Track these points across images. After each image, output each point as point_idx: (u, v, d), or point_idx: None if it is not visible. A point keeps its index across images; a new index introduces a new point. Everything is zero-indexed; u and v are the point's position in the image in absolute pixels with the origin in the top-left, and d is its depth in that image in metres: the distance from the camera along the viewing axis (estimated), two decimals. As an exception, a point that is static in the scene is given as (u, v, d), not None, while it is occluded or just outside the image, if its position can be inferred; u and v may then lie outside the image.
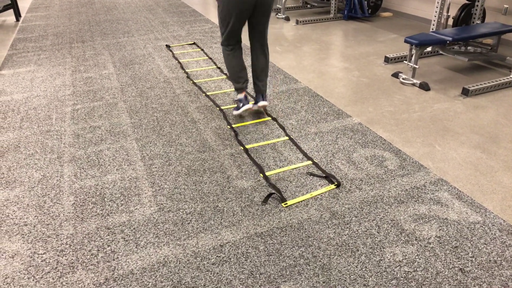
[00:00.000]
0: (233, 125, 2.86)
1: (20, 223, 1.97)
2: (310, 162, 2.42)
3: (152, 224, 1.95)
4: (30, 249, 1.82)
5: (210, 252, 1.78)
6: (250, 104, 2.87)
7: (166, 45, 4.75)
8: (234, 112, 2.93)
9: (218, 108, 3.12)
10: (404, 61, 3.63)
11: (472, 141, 2.64)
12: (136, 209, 2.06)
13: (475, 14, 4.31)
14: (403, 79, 3.58)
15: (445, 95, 3.32)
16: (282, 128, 2.81)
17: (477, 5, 4.26)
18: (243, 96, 2.86)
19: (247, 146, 2.59)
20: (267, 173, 2.31)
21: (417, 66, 3.48)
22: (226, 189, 2.19)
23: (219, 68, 3.99)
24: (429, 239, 1.82)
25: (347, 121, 2.90)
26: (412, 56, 3.48)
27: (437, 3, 3.98)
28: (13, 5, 6.07)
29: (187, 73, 3.86)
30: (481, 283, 1.59)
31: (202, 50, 4.57)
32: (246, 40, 2.99)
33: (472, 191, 2.14)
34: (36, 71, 4.00)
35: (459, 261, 1.70)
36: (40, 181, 2.30)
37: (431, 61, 4.12)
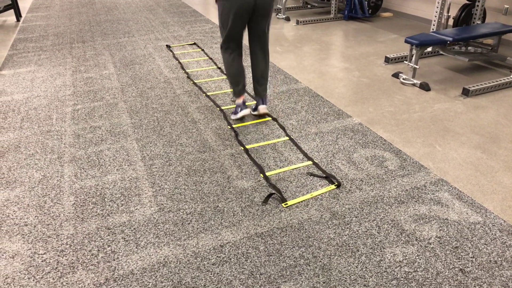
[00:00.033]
0: (234, 125, 2.86)
1: (20, 223, 1.98)
2: (310, 162, 2.42)
3: (152, 224, 1.95)
4: (30, 249, 1.82)
5: (210, 253, 1.78)
6: (248, 110, 2.88)
7: (167, 45, 4.75)
8: (232, 116, 2.94)
9: (218, 108, 3.12)
10: (405, 61, 3.63)
11: (473, 141, 2.64)
12: (136, 209, 2.06)
13: (476, 14, 4.31)
14: (403, 79, 3.58)
15: (446, 95, 3.32)
16: (283, 128, 2.81)
17: (478, 5, 4.26)
18: (241, 102, 2.86)
19: (248, 146, 2.60)
20: (268, 173, 2.31)
21: (417, 66, 3.48)
22: (226, 189, 2.19)
23: (219, 68, 3.99)
24: (429, 239, 1.82)
25: (347, 121, 2.90)
26: (412, 56, 3.48)
27: (438, 3, 3.98)
28: (14, 5, 6.07)
29: (187, 73, 3.86)
30: (482, 284, 1.59)
31: (203, 50, 4.57)
32: (247, 41, 2.98)
33: (473, 192, 2.14)
34: (36, 71, 4.00)
35: (459, 261, 1.70)
36: (41, 181, 2.30)
37: (431, 61, 4.12)
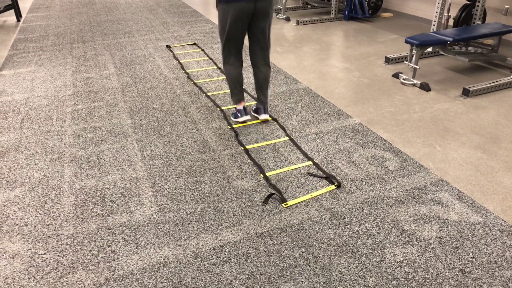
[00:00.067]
0: (234, 126, 2.86)
1: (20, 224, 1.98)
2: (310, 163, 2.42)
3: (152, 225, 1.95)
4: (30, 249, 1.82)
5: (211, 253, 1.78)
6: (249, 117, 2.88)
7: (167, 46, 4.76)
8: (233, 118, 2.94)
9: (218, 109, 3.12)
10: (405, 62, 3.63)
11: (473, 141, 2.64)
12: (136, 209, 2.06)
13: (476, 14, 4.31)
14: (403, 79, 3.58)
15: (446, 96, 3.32)
16: (283, 128, 2.81)
17: (478, 6, 4.26)
18: (241, 108, 2.85)
19: (248, 147, 2.59)
20: (268, 174, 2.31)
21: (417, 67, 3.48)
22: (226, 190, 2.19)
23: (219, 68, 3.99)
24: (429, 239, 1.82)
25: (347, 122, 2.90)
26: (412, 56, 3.48)
27: (438, 3, 3.99)
28: (14, 6, 6.07)
29: (187, 73, 3.86)
30: (482, 284, 1.59)
31: (203, 50, 4.57)
32: (247, 41, 2.98)
33: (473, 192, 2.14)
34: (36, 72, 4.00)
35: (459, 261, 1.70)
36: (41, 181, 2.30)
37: (431, 62, 4.12)
